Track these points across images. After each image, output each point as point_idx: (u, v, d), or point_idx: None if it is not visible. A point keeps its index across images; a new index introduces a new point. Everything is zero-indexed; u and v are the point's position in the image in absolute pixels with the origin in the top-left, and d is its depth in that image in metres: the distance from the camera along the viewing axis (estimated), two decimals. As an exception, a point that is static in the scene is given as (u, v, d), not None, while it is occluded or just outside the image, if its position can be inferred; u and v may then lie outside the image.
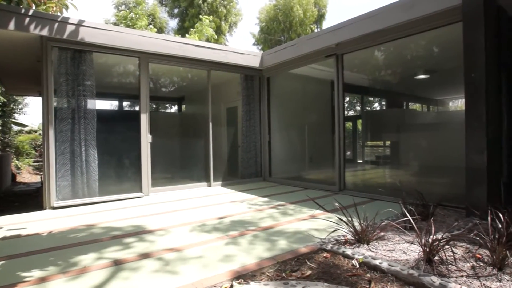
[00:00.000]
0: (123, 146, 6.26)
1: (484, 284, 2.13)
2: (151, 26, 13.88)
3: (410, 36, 5.08)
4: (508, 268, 2.36)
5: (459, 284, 2.10)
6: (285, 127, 8.10)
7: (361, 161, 6.95)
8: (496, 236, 2.51)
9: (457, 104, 6.12)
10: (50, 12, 5.76)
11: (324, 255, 2.80)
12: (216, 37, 16.40)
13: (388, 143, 6.70)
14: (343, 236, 3.14)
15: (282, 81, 8.08)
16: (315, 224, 3.82)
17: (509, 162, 4.33)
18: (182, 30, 22.52)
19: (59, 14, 5.64)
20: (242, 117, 7.84)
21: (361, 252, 2.74)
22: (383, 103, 8.17)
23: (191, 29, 15.24)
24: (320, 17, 26.72)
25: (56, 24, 4.99)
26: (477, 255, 2.59)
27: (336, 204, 3.58)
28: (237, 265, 2.62)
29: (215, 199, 5.64)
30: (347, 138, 7.17)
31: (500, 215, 2.68)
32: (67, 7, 5.67)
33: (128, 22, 13.06)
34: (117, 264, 2.71)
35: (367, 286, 2.20)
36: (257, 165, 7.95)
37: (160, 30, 21.63)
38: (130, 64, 7.17)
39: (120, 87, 9.03)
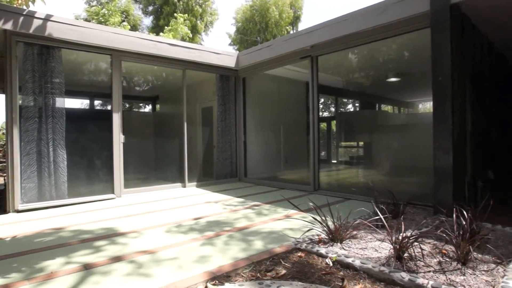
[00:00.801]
0: (94, 146, 6.05)
1: (449, 278, 2.23)
2: (124, 23, 13.49)
3: (382, 40, 5.24)
4: (471, 262, 2.48)
5: (427, 279, 2.18)
6: (260, 127, 8.13)
7: (335, 161, 7.09)
8: (461, 233, 2.63)
9: (426, 106, 6.37)
10: (15, 5, 5.47)
11: (299, 254, 2.83)
12: (191, 36, 16.24)
13: (361, 143, 6.89)
14: (317, 235, 3.19)
15: (257, 82, 8.10)
16: (290, 224, 3.85)
17: (473, 162, 4.57)
18: (157, 28, 22.09)
19: (25, 7, 5.37)
20: (217, 117, 7.79)
21: (335, 251, 2.79)
22: (357, 104, 8.39)
23: (166, 28, 14.99)
24: (296, 19, 27.05)
25: (22, 18, 4.74)
26: (443, 251, 2.71)
27: (311, 204, 3.63)
28: (212, 266, 2.60)
29: (190, 200, 5.57)
30: (322, 139, 7.29)
31: (464, 213, 2.82)
32: (33, 1, 5.40)
33: (100, 18, 12.66)
34: (87, 268, 2.61)
35: (340, 284, 2.25)
36: (233, 165, 7.93)
37: (134, 28, 21.10)
38: (102, 61, 6.95)
39: (91, 85, 8.71)
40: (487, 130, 5.30)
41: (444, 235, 2.79)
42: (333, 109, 8.66)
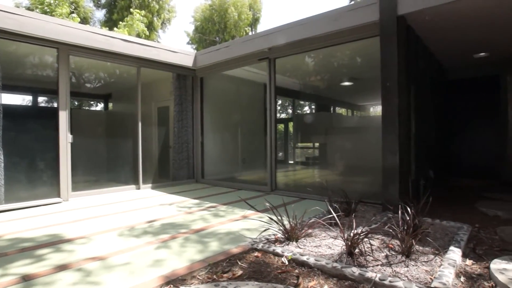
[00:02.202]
0: (38, 147, 5.59)
1: (395, 271, 2.38)
2: (73, 15, 12.66)
3: (336, 45, 5.46)
4: (414, 254, 2.67)
5: (375, 272, 2.31)
6: (218, 128, 8.08)
7: (292, 162, 7.27)
8: (405, 228, 2.82)
9: (376, 109, 6.74)
10: None
11: (255, 254, 2.85)
12: (147, 33, 15.69)
13: (317, 144, 7.12)
14: (274, 235, 3.23)
15: (216, 82, 8.05)
16: (247, 224, 3.87)
17: (416, 162, 4.93)
18: (110, 23, 21.00)
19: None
20: (174, 117, 7.61)
21: (290, 250, 2.85)
22: (313, 106, 8.66)
23: (120, 23, 14.33)
24: (255, 21, 27.26)
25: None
26: (390, 245, 2.88)
27: (267, 204, 3.68)
28: (167, 270, 2.53)
29: (144, 202, 5.37)
30: (279, 140, 7.43)
31: (408, 209, 3.03)
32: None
33: (46, 8, 11.76)
34: (26, 279, 2.40)
35: (295, 282, 2.30)
36: (190, 166, 7.79)
37: (85, 21, 19.88)
38: (47, 55, 6.45)
39: (35, 80, 8.06)
40: (427, 133, 5.75)
41: (391, 230, 2.97)
42: (290, 111, 8.86)
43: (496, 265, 2.45)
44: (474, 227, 3.62)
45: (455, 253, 2.65)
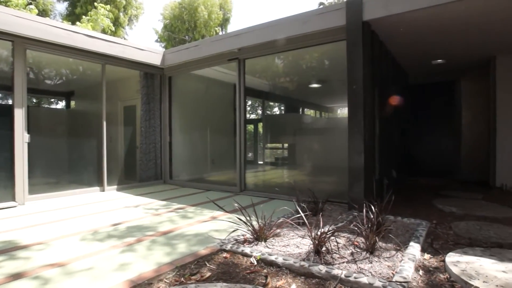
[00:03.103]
0: (-11, 147, 5.21)
1: (359, 267, 2.46)
2: (31, 6, 11.89)
3: (306, 48, 5.56)
4: (377, 251, 2.78)
5: (341, 269, 2.37)
6: (187, 128, 7.95)
7: (261, 162, 7.31)
8: (369, 225, 2.93)
9: (343, 111, 6.95)
10: None
11: (224, 255, 2.83)
12: (113, 29, 15.12)
13: (286, 145, 7.22)
14: (243, 235, 3.23)
15: (184, 82, 7.92)
16: (215, 225, 3.84)
17: (380, 162, 5.13)
18: (73, 17, 20.00)
19: None
20: (141, 117, 7.39)
21: (259, 250, 2.86)
22: (282, 108, 8.77)
23: (84, 17, 13.69)
24: (225, 21, 27.14)
25: None
26: (355, 243, 2.98)
27: (236, 204, 3.67)
28: (133, 273, 2.45)
29: (109, 205, 5.17)
30: (249, 140, 7.44)
31: (373, 208, 3.14)
32: None
33: (0, -2, 10.95)
34: (-24, 289, 2.23)
35: (264, 281, 2.31)
36: (157, 167, 7.60)
37: (44, 13, 18.80)
38: (1, 48, 6.03)
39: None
40: (390, 134, 6.01)
41: (356, 228, 3.07)
42: (260, 112, 8.91)
43: (451, 258, 2.61)
44: (432, 223, 3.83)
45: (414, 249, 2.79)
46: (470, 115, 7.65)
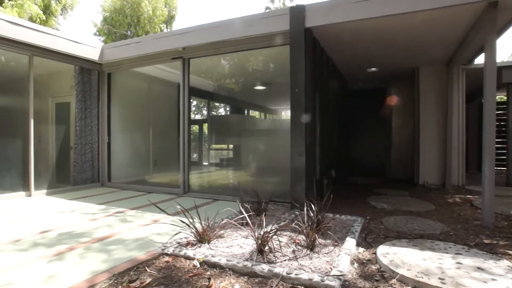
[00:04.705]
0: None
1: (300, 264, 2.56)
2: None
3: (251, 50, 5.63)
4: (317, 247, 2.91)
5: (283, 267, 2.44)
6: (128, 128, 7.56)
7: (206, 163, 7.23)
8: (309, 223, 3.06)
9: (287, 113, 7.18)
10: None
11: (166, 259, 2.74)
12: (44, 17, 13.80)
13: (231, 146, 7.24)
14: (185, 238, 3.16)
15: (125, 79, 7.52)
16: (157, 228, 3.70)
17: (320, 163, 5.39)
18: (-6, 1, 17.84)
19: None
20: (76, 115, 6.84)
21: (202, 252, 2.83)
22: (228, 109, 8.77)
23: (7, 1, 12.30)
24: (171, 18, 26.36)
25: None
26: (297, 241, 3.09)
27: (179, 207, 3.58)
28: (63, 286, 2.25)
29: (36, 211, 4.69)
30: (194, 141, 7.32)
31: (313, 206, 3.29)
32: None
33: None
34: None
35: (207, 284, 2.29)
36: (94, 169, 7.10)
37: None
38: None
39: None
40: (330, 136, 6.36)
41: (298, 227, 3.19)
42: (205, 112, 8.81)
43: (381, 250, 2.84)
44: (366, 219, 4.13)
45: (350, 243, 2.98)
46: (398, 120, 8.40)
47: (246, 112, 8.65)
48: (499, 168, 8.36)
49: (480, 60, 6.59)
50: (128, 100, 7.67)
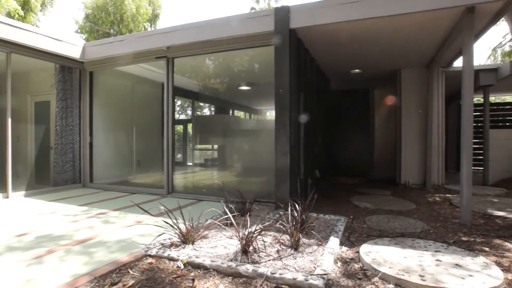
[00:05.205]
0: None
1: (285, 263, 2.57)
2: None
3: (236, 50, 5.62)
4: (301, 247, 2.93)
5: (267, 267, 2.45)
6: (111, 128, 7.42)
7: (190, 163, 7.18)
8: (294, 223, 3.08)
9: (272, 114, 7.20)
10: None
11: (149, 261, 2.71)
12: (22, 13, 13.38)
13: (215, 146, 7.20)
14: (169, 239, 3.13)
15: (108, 78, 7.37)
16: (140, 230, 3.65)
17: (305, 163, 5.44)
18: (-31, -4, 17.14)
19: None
20: (56, 114, 6.66)
21: (186, 253, 2.80)
22: (212, 109, 8.73)
23: (-17, -3, 11.87)
24: (155, 17, 25.99)
25: None
26: (281, 241, 3.11)
27: (162, 207, 3.54)
28: (41, 290, 2.19)
29: (14, 213, 4.53)
30: (178, 141, 7.25)
31: (297, 206, 3.31)
32: None
33: None
34: None
35: (191, 285, 2.27)
36: (76, 170, 6.93)
37: None
38: None
39: None
40: (314, 136, 6.42)
41: (282, 227, 3.20)
42: (190, 112, 8.74)
43: (363, 249, 2.89)
44: (349, 218, 4.19)
45: (334, 243, 3.01)
46: (381, 121, 8.57)
47: (231, 112, 8.63)
48: (476, 168, 8.65)
49: (458, 63, 6.81)
50: (111, 99, 7.52)
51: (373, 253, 2.77)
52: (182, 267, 2.57)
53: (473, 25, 3.95)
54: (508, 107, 10.79)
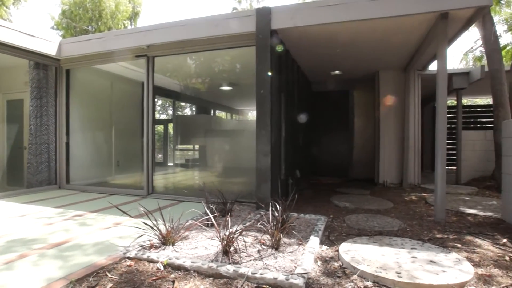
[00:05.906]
0: None
1: (265, 263, 2.59)
2: None
3: (217, 50, 5.59)
4: (282, 247, 2.96)
5: (248, 267, 2.45)
6: (88, 127, 7.22)
7: (171, 164, 7.09)
8: (274, 223, 3.10)
9: (254, 114, 7.22)
10: None
11: (128, 263, 2.66)
12: (-7, 8, 12.79)
13: (197, 147, 7.15)
14: (149, 240, 3.08)
15: (86, 76, 7.17)
16: (119, 232, 3.57)
17: (285, 163, 5.48)
18: None
19: None
20: (30, 113, 6.41)
21: (166, 254, 2.77)
22: (194, 109, 8.66)
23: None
24: (135, 15, 25.49)
25: None
26: (262, 241, 3.12)
27: (142, 208, 3.48)
28: (13, 296, 2.10)
29: (-17, 217, 4.34)
30: (159, 142, 7.14)
31: (278, 206, 3.34)
32: None
33: None
34: None
35: (171, 287, 2.25)
36: (51, 170, 6.70)
37: None
38: None
39: None
40: (295, 137, 6.48)
41: (263, 227, 3.22)
42: (170, 112, 8.63)
43: (343, 247, 2.95)
44: (329, 217, 4.26)
45: (314, 242, 3.06)
46: (360, 122, 8.75)
47: (212, 112, 8.58)
48: (450, 168, 8.98)
49: (433, 66, 7.06)
50: (89, 98, 7.32)
51: (352, 251, 2.83)
52: (162, 269, 2.54)
53: (447, 30, 4.11)
54: (479, 109, 11.31)
